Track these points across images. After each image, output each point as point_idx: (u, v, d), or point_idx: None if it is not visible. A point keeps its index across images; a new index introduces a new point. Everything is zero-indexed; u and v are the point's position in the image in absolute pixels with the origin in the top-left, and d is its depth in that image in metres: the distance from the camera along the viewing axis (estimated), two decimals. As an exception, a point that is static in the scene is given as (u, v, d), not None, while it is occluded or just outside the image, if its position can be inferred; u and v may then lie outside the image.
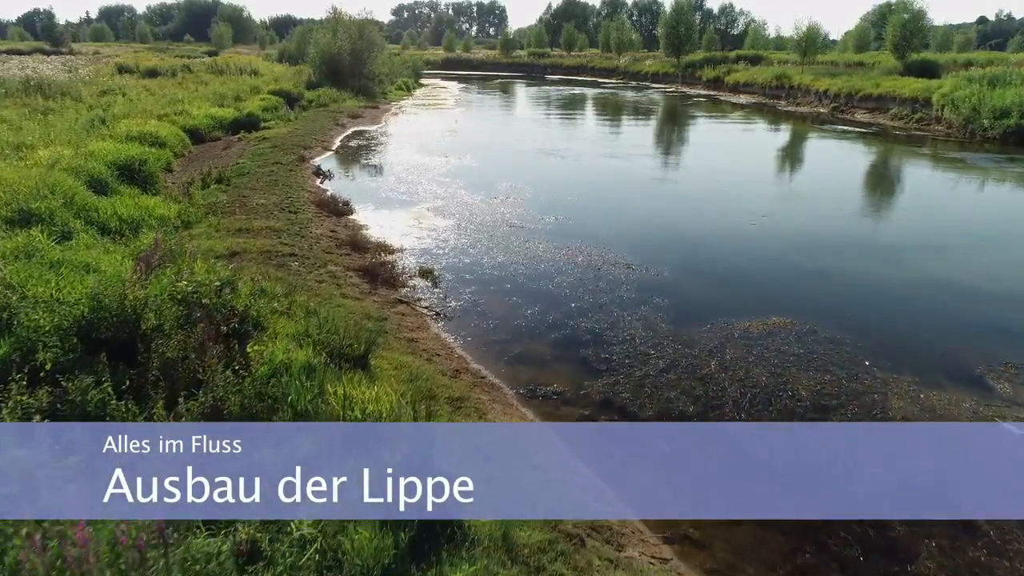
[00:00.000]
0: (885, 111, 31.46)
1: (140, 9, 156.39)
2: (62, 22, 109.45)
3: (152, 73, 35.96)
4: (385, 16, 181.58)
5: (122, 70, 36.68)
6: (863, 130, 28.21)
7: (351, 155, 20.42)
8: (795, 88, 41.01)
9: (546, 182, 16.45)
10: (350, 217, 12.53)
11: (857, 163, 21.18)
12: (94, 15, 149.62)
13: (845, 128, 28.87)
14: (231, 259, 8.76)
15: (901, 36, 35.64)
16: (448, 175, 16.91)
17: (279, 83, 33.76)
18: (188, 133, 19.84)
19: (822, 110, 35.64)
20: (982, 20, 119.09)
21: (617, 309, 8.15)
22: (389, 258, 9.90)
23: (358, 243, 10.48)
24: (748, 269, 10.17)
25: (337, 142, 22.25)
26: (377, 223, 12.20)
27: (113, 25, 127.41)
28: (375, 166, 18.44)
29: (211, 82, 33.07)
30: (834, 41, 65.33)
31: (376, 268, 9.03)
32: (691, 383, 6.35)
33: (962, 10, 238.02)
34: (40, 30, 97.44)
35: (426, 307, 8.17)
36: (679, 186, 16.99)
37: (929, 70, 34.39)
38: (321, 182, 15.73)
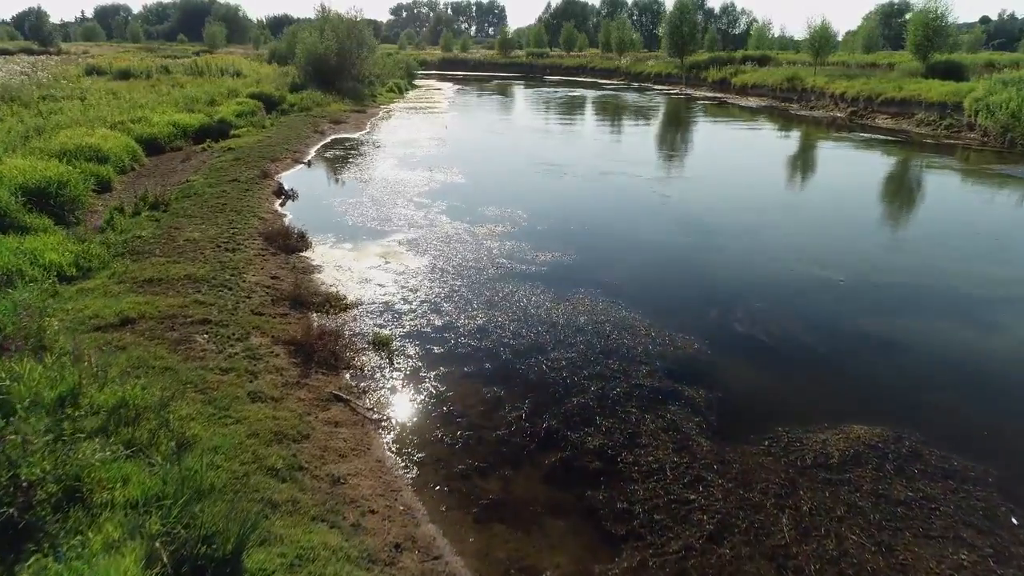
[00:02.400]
0: (910, 116, 29.18)
1: (136, 8, 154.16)
2: (57, 21, 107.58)
3: (124, 75, 33.67)
4: (384, 15, 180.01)
5: (92, 71, 34.36)
6: (889, 138, 25.89)
7: (324, 169, 18.17)
8: (808, 91, 38.76)
9: (542, 205, 14.16)
10: (303, 254, 10.29)
11: (901, 181, 18.49)
12: (90, 14, 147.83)
13: (869, 136, 26.53)
14: (118, 331, 6.54)
15: (923, 36, 33.29)
16: (430, 195, 14.65)
17: (260, 85, 31.56)
18: (145, 143, 17.69)
19: (839, 115, 33.34)
20: (985, 20, 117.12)
21: (636, 409, 5.90)
22: (336, 321, 7.66)
23: (302, 296, 8.24)
24: (805, 341, 7.67)
25: (312, 152, 20.02)
26: (334, 263, 9.96)
27: (107, 25, 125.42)
28: (348, 183, 16.16)
29: (187, 84, 30.83)
30: (838, 42, 63.09)
31: (314, 341, 6.78)
32: (757, 565, 4.12)
33: (961, 10, 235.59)
34: (28, 29, 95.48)
35: (371, 407, 5.93)
36: (701, 213, 14.11)
37: (954, 72, 32.07)
38: (281, 204, 13.50)
